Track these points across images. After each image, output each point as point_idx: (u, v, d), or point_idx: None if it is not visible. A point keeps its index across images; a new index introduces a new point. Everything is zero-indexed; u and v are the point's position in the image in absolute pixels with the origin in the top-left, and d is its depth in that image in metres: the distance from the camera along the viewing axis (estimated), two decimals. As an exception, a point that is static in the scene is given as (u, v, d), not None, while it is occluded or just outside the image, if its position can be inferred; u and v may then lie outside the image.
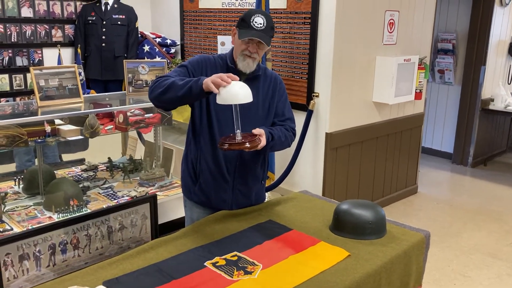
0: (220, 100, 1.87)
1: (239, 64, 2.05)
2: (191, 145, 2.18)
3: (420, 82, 4.29)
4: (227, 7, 4.47)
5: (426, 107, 5.53)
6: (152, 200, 2.65)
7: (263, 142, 1.96)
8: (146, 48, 4.96)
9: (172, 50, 5.17)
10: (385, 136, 4.27)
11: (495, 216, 4.35)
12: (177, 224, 2.77)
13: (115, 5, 4.69)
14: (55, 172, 3.18)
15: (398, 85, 3.98)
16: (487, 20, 5.40)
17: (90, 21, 4.65)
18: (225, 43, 4.27)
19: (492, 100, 5.69)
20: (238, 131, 1.94)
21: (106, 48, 4.64)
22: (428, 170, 5.58)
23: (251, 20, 1.98)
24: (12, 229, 2.51)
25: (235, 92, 1.85)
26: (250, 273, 1.66)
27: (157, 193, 2.98)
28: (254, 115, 2.11)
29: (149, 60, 4.29)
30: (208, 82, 1.82)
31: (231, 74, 1.86)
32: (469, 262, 3.48)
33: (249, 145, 1.91)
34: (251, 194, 2.23)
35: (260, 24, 1.98)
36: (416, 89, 4.26)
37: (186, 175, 2.24)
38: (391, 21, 4.02)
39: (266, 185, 3.86)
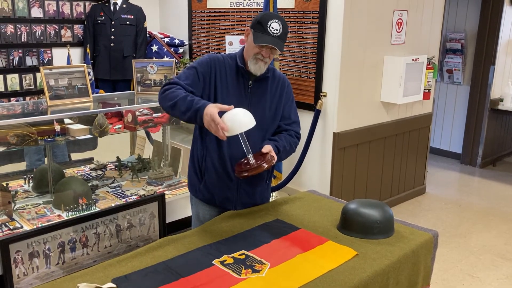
0: (226, 133, 1.86)
1: (251, 67, 2.05)
2: (197, 144, 2.19)
3: (428, 82, 4.27)
4: (235, 7, 4.48)
5: (435, 107, 5.49)
6: (160, 199, 2.66)
7: (275, 157, 2.02)
8: (155, 48, 4.99)
9: (180, 50, 5.18)
10: (393, 136, 4.26)
11: (504, 216, 4.32)
12: (185, 223, 2.79)
13: (124, 5, 4.71)
14: (64, 171, 3.21)
15: (406, 85, 3.96)
16: (496, 19, 5.36)
17: (99, 21, 4.68)
18: (233, 43, 4.27)
19: (502, 100, 5.65)
20: (250, 155, 1.97)
21: (114, 48, 4.67)
22: (437, 170, 5.55)
23: (268, 25, 1.97)
24: (22, 227, 2.54)
25: (240, 121, 1.85)
26: (258, 271, 1.67)
27: (165, 192, 3.00)
28: (261, 116, 2.11)
29: (157, 60, 4.31)
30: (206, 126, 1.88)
31: (219, 122, 1.82)
32: (478, 263, 3.46)
33: (266, 165, 1.95)
34: (255, 194, 2.24)
35: (277, 30, 1.98)
36: (424, 89, 4.25)
37: (192, 172, 2.26)
38: (400, 20, 4.01)
39: (274, 185, 3.88)
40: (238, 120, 1.85)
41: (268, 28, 1.97)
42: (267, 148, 2.02)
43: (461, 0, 5.68)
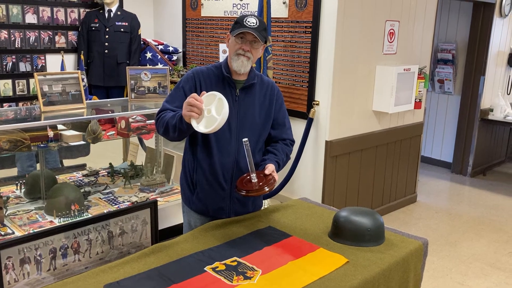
0: (209, 131, 1.85)
1: (233, 64, 2.04)
2: (188, 155, 2.20)
3: (419, 91, 4.32)
4: (229, 16, 4.51)
5: (426, 116, 5.56)
6: (152, 205, 2.66)
7: (277, 178, 2.04)
8: (149, 55, 5.00)
9: (174, 57, 5.21)
10: (384, 145, 4.30)
11: (494, 225, 4.37)
12: (177, 230, 2.79)
13: (118, 12, 4.73)
14: (57, 177, 3.20)
15: (398, 94, 4.01)
16: (486, 30, 5.44)
17: (93, 28, 4.69)
18: (226, 51, 4.30)
19: (492, 110, 5.73)
20: (254, 174, 1.98)
21: (108, 55, 4.68)
22: (428, 179, 5.59)
23: (244, 20, 2.01)
24: (13, 233, 2.53)
25: (216, 120, 1.83)
26: (250, 278, 1.68)
27: (157, 198, 3.00)
28: (251, 123, 2.13)
29: (151, 67, 4.32)
30: (187, 118, 1.87)
31: (194, 95, 1.86)
32: (468, 271, 3.49)
33: (267, 189, 1.97)
34: (248, 202, 2.25)
35: (253, 23, 2.00)
36: (415, 99, 4.29)
37: (184, 183, 2.26)
38: (391, 31, 4.06)
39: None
40: (214, 119, 1.85)
41: (244, 22, 2.00)
42: (270, 168, 2.04)
43: (452, 12, 5.77)
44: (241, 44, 2.02)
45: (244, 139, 1.94)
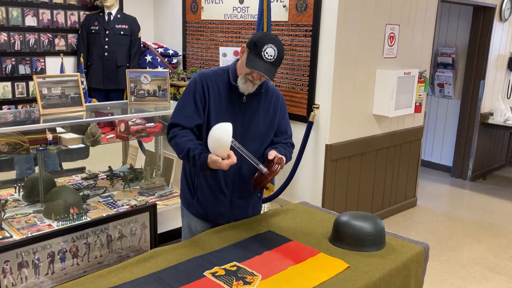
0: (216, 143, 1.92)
1: (240, 85, 2.04)
2: None
3: (420, 95, 4.31)
4: (229, 19, 4.51)
5: (426, 120, 5.55)
6: (152, 209, 2.65)
7: (283, 157, 2.07)
8: (148, 58, 5.00)
9: (174, 61, 5.20)
10: (384, 149, 4.29)
11: (494, 230, 4.35)
12: (176, 234, 2.78)
13: (118, 15, 4.73)
14: (56, 180, 3.19)
15: (398, 98, 4.00)
16: (486, 34, 5.45)
17: (93, 31, 4.68)
18: (226, 54, 4.30)
19: (491, 114, 5.72)
20: (261, 165, 2.01)
21: (108, 58, 4.67)
22: (428, 183, 5.58)
23: (263, 50, 1.93)
24: (11, 236, 2.51)
25: (220, 135, 1.90)
26: (249, 283, 1.67)
27: (157, 202, 2.99)
28: (254, 130, 2.12)
29: (151, 70, 4.31)
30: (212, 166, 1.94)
31: (232, 159, 1.91)
32: (468, 276, 3.48)
33: (278, 167, 2.02)
34: (248, 207, 2.24)
35: (271, 56, 1.94)
36: (416, 102, 4.29)
37: (184, 187, 2.25)
38: (392, 34, 4.06)
39: (266, 196, 3.88)
40: (218, 138, 1.90)
41: (262, 53, 1.93)
42: (272, 154, 2.04)
43: (452, 15, 5.77)
44: (252, 71, 1.99)
45: (231, 139, 1.94)
